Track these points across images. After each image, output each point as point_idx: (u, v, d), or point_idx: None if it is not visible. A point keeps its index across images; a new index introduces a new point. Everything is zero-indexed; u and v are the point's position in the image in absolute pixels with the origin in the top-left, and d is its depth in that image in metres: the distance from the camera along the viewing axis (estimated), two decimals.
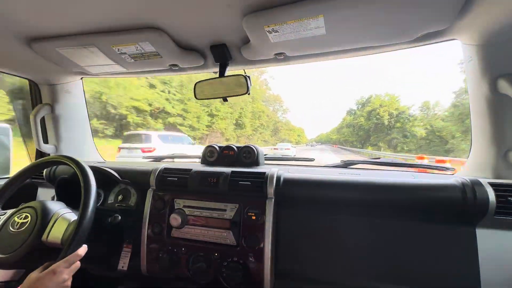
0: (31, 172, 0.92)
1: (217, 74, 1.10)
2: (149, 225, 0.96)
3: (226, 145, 1.15)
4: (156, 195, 0.99)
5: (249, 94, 1.10)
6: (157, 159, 1.53)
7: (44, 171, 1.20)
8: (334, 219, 0.85)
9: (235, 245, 0.86)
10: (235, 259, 0.84)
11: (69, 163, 0.84)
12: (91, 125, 1.55)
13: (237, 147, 1.14)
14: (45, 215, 0.77)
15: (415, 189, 0.76)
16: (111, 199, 1.19)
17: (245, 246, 0.84)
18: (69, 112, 1.39)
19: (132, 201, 1.15)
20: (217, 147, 1.17)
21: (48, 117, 1.35)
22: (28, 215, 0.78)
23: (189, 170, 0.98)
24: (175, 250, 0.91)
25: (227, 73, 1.09)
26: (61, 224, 0.77)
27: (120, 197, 1.18)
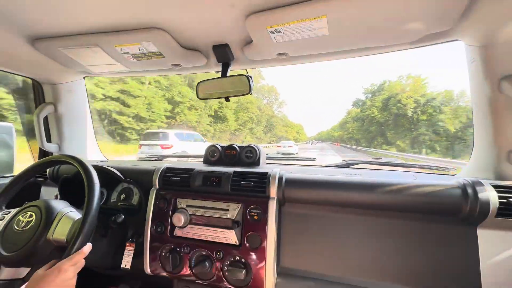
0: (35, 172, 0.93)
1: (219, 74, 1.10)
2: (152, 224, 0.97)
3: (229, 145, 1.15)
4: (159, 195, 0.99)
5: (251, 94, 1.11)
6: (159, 158, 1.54)
7: (48, 170, 1.21)
8: (336, 218, 0.86)
9: (237, 244, 0.86)
10: (237, 258, 0.85)
11: (72, 162, 0.85)
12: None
13: (239, 146, 1.15)
14: (50, 213, 0.78)
15: (416, 189, 0.76)
16: (113, 198, 1.20)
17: (248, 245, 0.85)
18: (71, 111, 1.40)
19: (135, 200, 1.16)
20: (219, 147, 1.17)
21: (51, 116, 1.36)
22: (32, 214, 0.79)
23: (192, 170, 0.99)
24: (178, 249, 0.92)
25: (229, 73, 1.09)
26: (65, 223, 0.77)
27: (122, 196, 1.19)
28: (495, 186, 0.72)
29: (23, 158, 1.49)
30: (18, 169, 1.37)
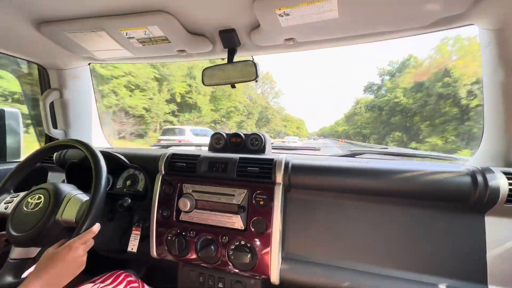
0: (42, 156, 0.94)
1: (225, 61, 1.09)
2: (158, 209, 0.97)
3: (234, 132, 1.15)
4: (165, 180, 1.00)
5: (256, 81, 1.10)
6: (165, 147, 1.54)
7: (54, 155, 1.22)
8: (341, 205, 0.86)
9: (243, 229, 0.87)
10: (242, 242, 0.85)
11: (79, 146, 0.86)
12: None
13: (244, 134, 1.14)
14: (58, 195, 0.79)
15: (424, 176, 0.75)
16: (119, 184, 1.21)
17: (253, 230, 0.85)
18: (77, 98, 1.40)
19: (140, 186, 1.17)
20: (224, 134, 1.17)
21: (57, 102, 1.36)
22: (41, 195, 0.80)
23: (198, 156, 0.99)
24: (183, 233, 0.93)
25: (235, 59, 1.08)
26: (74, 204, 0.78)
27: (128, 182, 1.20)
28: (505, 173, 0.71)
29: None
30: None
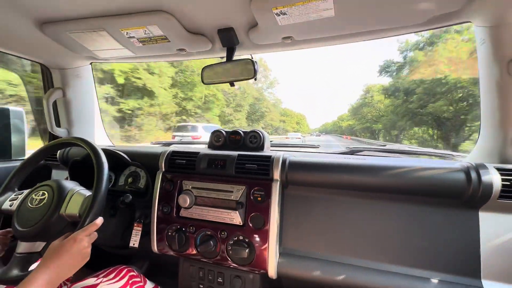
0: (46, 153, 0.96)
1: (224, 60, 1.10)
2: (159, 205, 1.00)
3: (233, 130, 1.17)
4: (165, 177, 1.02)
5: (255, 80, 1.11)
6: (166, 145, 1.57)
7: (58, 153, 1.25)
8: (338, 201, 0.87)
9: (241, 224, 0.89)
10: (241, 238, 0.87)
11: (81, 143, 0.88)
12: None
13: (243, 131, 1.16)
14: (61, 191, 0.81)
15: (419, 172, 0.76)
16: (121, 182, 1.23)
17: (251, 226, 0.87)
18: (79, 97, 1.42)
19: (142, 183, 1.19)
20: (223, 132, 1.18)
21: (60, 101, 1.38)
22: (45, 192, 0.82)
23: (197, 153, 1.01)
24: (183, 229, 0.95)
25: (234, 58, 1.09)
26: (77, 199, 0.80)
27: (130, 179, 1.22)
28: (499, 169, 0.72)
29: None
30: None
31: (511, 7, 0.67)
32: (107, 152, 1.10)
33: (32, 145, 1.48)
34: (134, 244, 1.02)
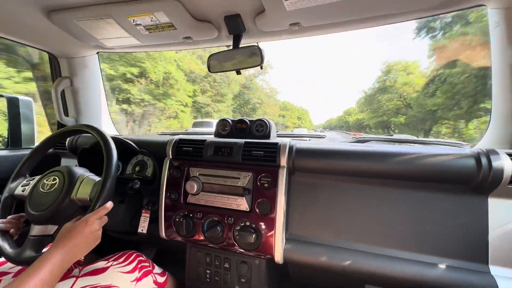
0: (55, 141, 0.98)
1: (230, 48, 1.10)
2: (166, 192, 1.01)
3: (239, 118, 1.17)
4: (172, 164, 1.03)
5: (261, 68, 1.10)
6: (172, 135, 1.58)
7: (67, 142, 1.27)
8: (345, 188, 0.87)
9: (248, 210, 0.90)
10: (248, 223, 0.88)
11: (89, 130, 0.89)
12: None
13: (249, 120, 1.16)
14: (72, 176, 0.83)
15: (428, 157, 0.76)
16: (129, 170, 1.25)
17: (258, 211, 0.88)
18: (87, 86, 1.43)
19: (149, 172, 1.21)
20: (230, 121, 1.18)
21: (68, 90, 1.40)
22: (56, 177, 0.83)
23: (204, 141, 1.01)
24: (191, 215, 0.96)
25: (240, 46, 1.09)
26: (87, 184, 0.82)
27: (137, 168, 1.24)
28: (510, 154, 0.71)
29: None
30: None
31: None
32: (115, 139, 1.11)
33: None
34: (142, 230, 1.04)
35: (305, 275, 1.01)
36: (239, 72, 1.11)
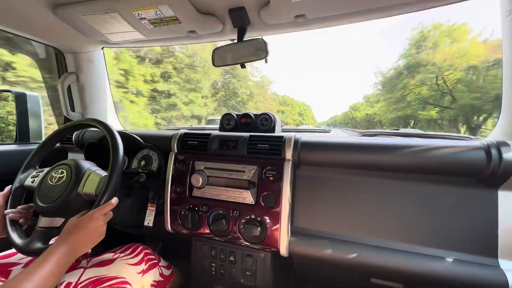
0: (63, 134, 0.99)
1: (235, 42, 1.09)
2: (172, 186, 1.01)
3: (244, 112, 1.16)
4: (177, 158, 1.03)
5: (266, 62, 1.09)
6: (176, 129, 1.58)
7: (74, 136, 1.28)
8: (351, 181, 0.86)
9: (253, 203, 0.90)
10: (253, 216, 0.88)
11: (96, 124, 0.90)
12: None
13: (254, 114, 1.15)
14: (79, 170, 0.84)
15: (436, 150, 0.74)
16: (134, 165, 1.26)
17: (263, 205, 0.88)
18: (92, 81, 1.44)
19: (154, 166, 1.21)
20: (234, 115, 1.18)
21: (74, 85, 1.41)
22: (63, 170, 0.85)
23: (209, 135, 1.02)
24: (196, 208, 0.97)
25: (245, 40, 1.08)
26: (93, 179, 0.83)
27: (143, 162, 1.24)
28: None
29: None
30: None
31: None
32: (121, 134, 1.12)
33: None
34: (148, 223, 1.05)
35: (310, 268, 1.01)
36: (243, 66, 1.11)
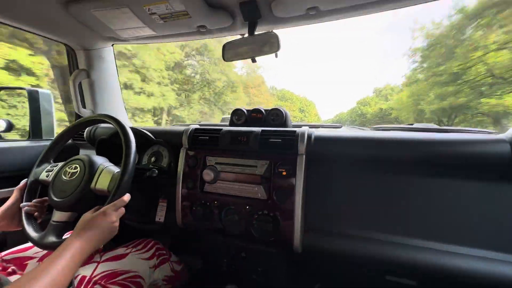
0: (77, 129, 1.00)
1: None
2: (183, 181, 1.01)
3: (255, 108, 1.15)
4: (188, 153, 1.03)
5: (276, 57, 1.08)
6: (185, 125, 1.58)
7: (85, 133, 1.29)
8: (367, 176, 0.84)
9: (265, 199, 0.88)
10: (265, 212, 0.87)
11: (110, 121, 0.90)
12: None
13: (265, 110, 1.14)
14: (92, 166, 0.84)
15: (458, 144, 0.72)
16: (144, 161, 1.26)
17: (276, 200, 0.86)
18: (103, 78, 1.45)
19: (164, 162, 1.21)
20: (245, 111, 1.17)
21: (85, 82, 1.42)
22: (77, 166, 0.85)
23: (220, 130, 1.01)
24: (208, 204, 0.96)
25: (255, 34, 1.06)
26: (106, 175, 0.83)
27: (153, 159, 1.25)
28: None
29: None
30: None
31: None
32: (132, 130, 1.12)
33: None
34: (160, 219, 1.05)
35: (323, 265, 0.99)
36: (254, 60, 1.10)
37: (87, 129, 1.29)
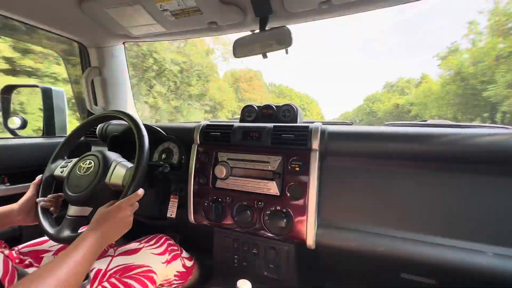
0: (91, 126, 1.01)
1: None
2: (195, 177, 1.01)
3: (265, 104, 1.14)
4: (200, 149, 1.03)
5: (287, 53, 1.07)
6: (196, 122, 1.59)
7: (97, 129, 1.31)
8: (381, 171, 0.82)
9: (278, 195, 0.88)
10: (278, 208, 0.86)
11: (123, 117, 0.91)
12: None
13: (276, 105, 1.13)
14: (106, 161, 0.85)
15: (475, 138, 0.69)
16: (155, 158, 1.27)
17: (289, 196, 0.86)
18: (114, 76, 1.47)
19: (175, 159, 1.22)
20: (255, 107, 1.17)
21: (96, 80, 1.44)
22: (91, 161, 0.86)
23: (231, 126, 1.00)
24: (220, 200, 0.96)
25: (267, 29, 1.06)
26: (120, 170, 0.84)
27: (164, 155, 1.25)
28: None
29: None
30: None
31: None
32: (144, 127, 1.13)
33: None
34: (171, 215, 1.05)
35: (336, 262, 0.98)
36: (265, 56, 1.09)
37: (99, 126, 1.31)
